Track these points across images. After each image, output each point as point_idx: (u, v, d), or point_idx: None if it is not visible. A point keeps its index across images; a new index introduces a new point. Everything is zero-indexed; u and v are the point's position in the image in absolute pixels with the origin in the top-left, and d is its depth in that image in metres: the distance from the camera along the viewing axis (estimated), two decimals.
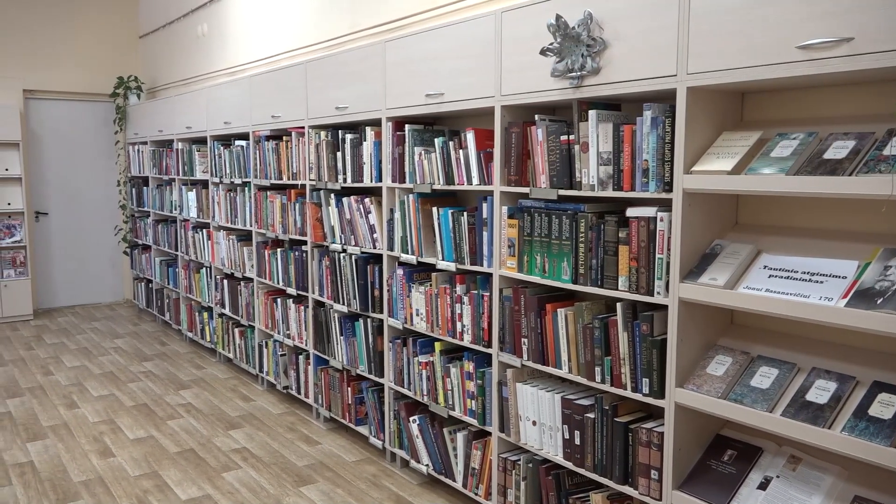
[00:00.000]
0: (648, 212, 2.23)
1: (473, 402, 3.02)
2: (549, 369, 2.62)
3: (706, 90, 2.12)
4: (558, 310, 2.56)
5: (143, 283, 7.24)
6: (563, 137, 2.49)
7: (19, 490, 3.35)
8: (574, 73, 2.39)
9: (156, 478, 3.48)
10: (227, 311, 5.32)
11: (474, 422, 3.02)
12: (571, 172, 2.48)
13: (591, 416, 2.47)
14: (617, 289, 2.34)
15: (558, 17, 2.39)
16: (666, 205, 2.23)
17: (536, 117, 2.62)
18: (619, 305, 2.33)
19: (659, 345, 2.22)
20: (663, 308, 2.27)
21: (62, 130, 7.54)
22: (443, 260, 3.14)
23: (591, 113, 2.36)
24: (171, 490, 3.34)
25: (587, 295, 2.65)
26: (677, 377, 2.18)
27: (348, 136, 3.71)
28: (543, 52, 2.48)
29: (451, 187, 3.05)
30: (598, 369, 2.42)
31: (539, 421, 2.68)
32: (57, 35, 7.32)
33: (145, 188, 7.02)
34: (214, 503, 3.22)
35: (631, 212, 2.28)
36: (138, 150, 7.15)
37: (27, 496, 3.29)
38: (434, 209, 3.16)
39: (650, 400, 2.25)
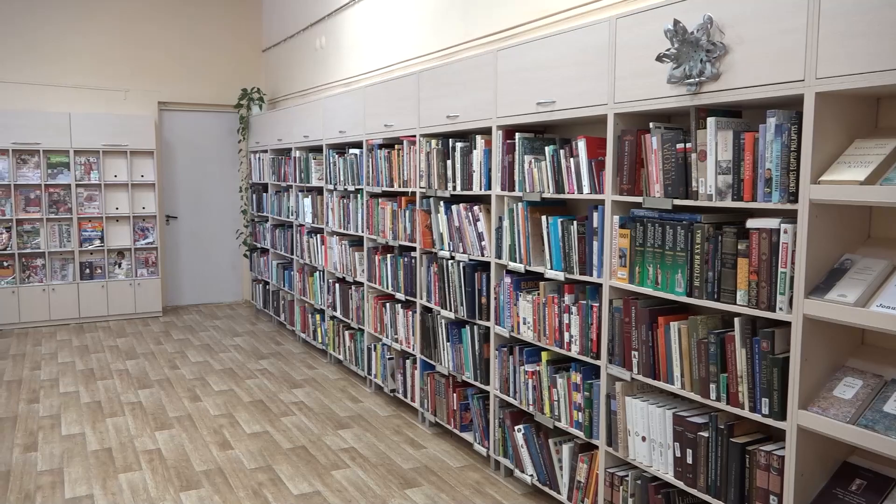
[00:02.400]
0: (771, 223, 2.12)
1: (580, 413, 2.97)
2: (661, 384, 2.55)
3: (836, 95, 2.00)
4: (671, 323, 2.48)
5: (260, 285, 7.60)
6: (679, 146, 2.42)
7: (148, 475, 3.59)
8: (692, 80, 2.32)
9: (270, 472, 3.64)
10: (338, 313, 5.50)
11: (581, 434, 2.97)
12: (687, 182, 2.40)
13: (705, 434, 2.38)
14: (735, 303, 2.24)
15: (676, 23, 2.33)
16: (790, 216, 2.12)
17: (651, 125, 2.56)
18: (736, 320, 2.23)
19: (780, 363, 2.11)
20: (786, 325, 2.16)
21: (191, 139, 8.06)
22: (551, 269, 3.12)
23: (710, 120, 2.28)
24: (284, 484, 3.48)
25: (702, 308, 2.56)
26: (800, 398, 2.06)
27: (458, 145, 3.75)
28: (660, 58, 2.42)
29: (561, 196, 3.02)
30: (712, 386, 2.33)
31: (649, 437, 2.61)
32: (188, 51, 7.83)
33: (265, 194, 7.37)
34: (324, 500, 3.33)
35: (751, 223, 2.18)
36: (259, 158, 7.52)
37: (154, 481, 3.52)
38: (543, 218, 3.14)
39: (770, 421, 2.14)
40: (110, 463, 3.74)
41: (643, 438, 2.63)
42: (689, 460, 2.43)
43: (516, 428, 3.36)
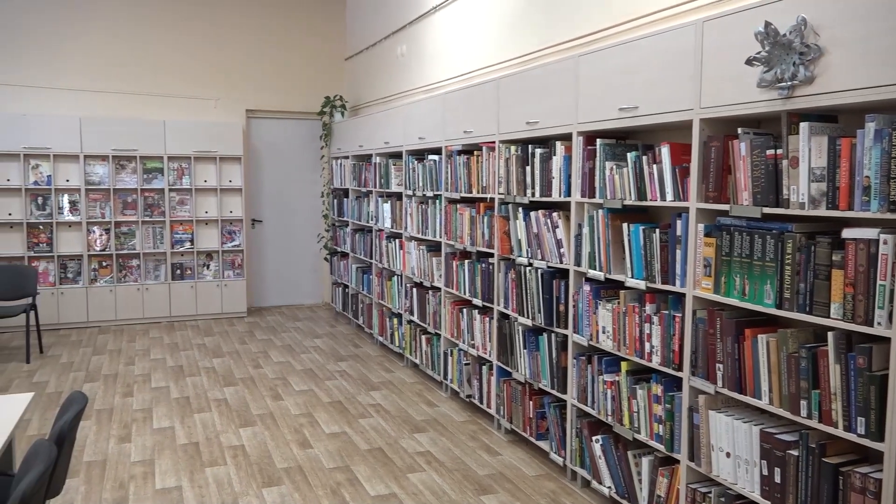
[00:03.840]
0: (869, 233, 2.02)
1: (661, 426, 2.90)
2: (747, 398, 2.46)
3: None
4: (759, 336, 2.40)
5: (340, 288, 7.76)
6: (769, 152, 2.33)
7: (232, 470, 3.72)
8: (784, 84, 2.23)
9: (347, 472, 3.71)
10: (415, 318, 5.55)
11: (661, 447, 2.90)
12: (778, 189, 2.32)
13: (795, 453, 2.28)
14: (828, 316, 2.14)
15: (767, 25, 2.25)
16: (890, 226, 2.01)
17: (739, 130, 2.48)
18: (830, 335, 2.13)
19: (878, 381, 2.00)
20: (884, 341, 2.05)
21: (276, 146, 8.32)
22: (632, 277, 3.06)
23: (803, 125, 2.19)
24: (361, 485, 3.54)
25: (792, 321, 2.45)
26: None
27: (538, 151, 3.74)
28: (749, 61, 2.34)
29: (643, 203, 2.96)
30: (803, 403, 2.23)
31: (734, 453, 2.52)
32: (275, 61, 8.10)
33: (345, 199, 7.53)
34: (400, 502, 3.36)
35: (847, 233, 2.08)
36: (340, 164, 7.69)
37: (238, 476, 3.64)
38: (624, 225, 3.09)
39: (866, 442, 2.03)
40: (197, 457, 3.89)
41: (727, 454, 2.55)
42: (777, 479, 2.34)
43: (594, 438, 3.31)
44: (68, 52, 7.28)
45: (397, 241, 5.89)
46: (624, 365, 3.14)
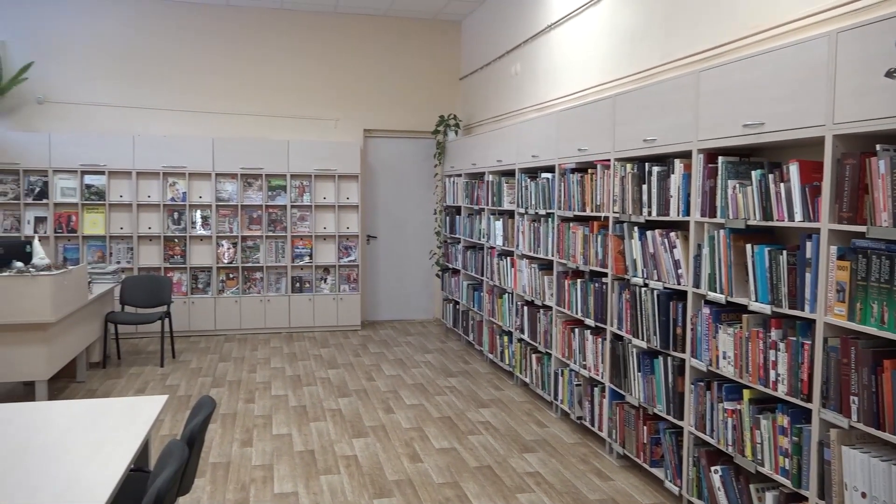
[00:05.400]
0: None
1: (787, 460, 2.73)
2: (886, 435, 2.28)
3: None
4: None
5: (451, 304, 7.84)
6: None
7: (345, 479, 3.82)
8: None
9: (456, 488, 3.72)
10: (525, 336, 5.53)
11: (787, 482, 2.74)
12: None
13: None
14: None
15: None
16: None
17: (878, 147, 2.32)
18: None
19: None
20: None
21: (391, 164, 8.56)
22: (756, 301, 2.92)
23: None
24: (470, 502, 3.55)
25: None
26: None
27: (655, 169, 3.65)
28: (890, 73, 2.20)
29: (769, 223, 2.83)
30: None
31: (870, 493, 2.34)
32: (391, 82, 8.35)
33: (457, 217, 7.62)
34: None
35: None
36: (453, 182, 7.80)
37: (351, 486, 3.74)
38: (748, 246, 2.95)
39: None
40: (313, 464, 4.03)
41: (863, 495, 2.37)
42: None
43: (713, 469, 3.16)
44: (203, 80, 7.82)
45: (509, 258, 5.89)
46: (746, 393, 2.99)
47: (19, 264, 4.85)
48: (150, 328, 7.38)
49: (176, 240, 7.56)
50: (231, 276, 7.71)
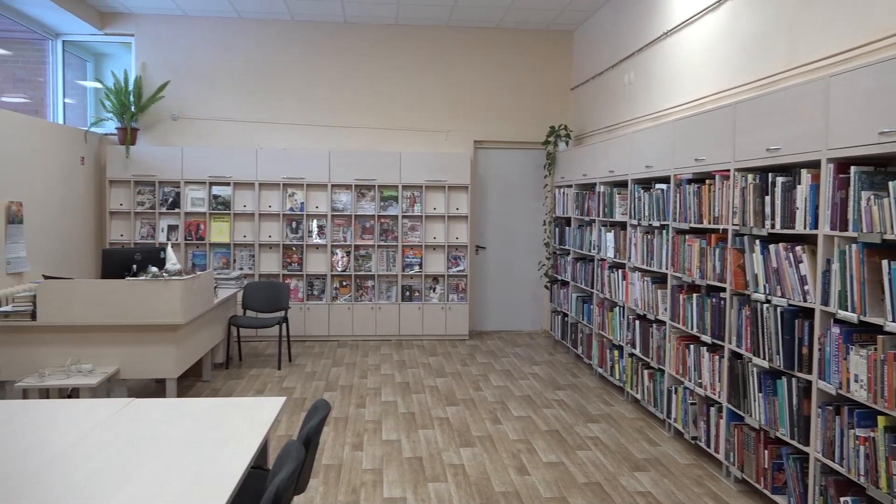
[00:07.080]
0: None
1: None
2: None
3: None
4: None
5: (559, 316, 7.75)
6: None
7: (453, 488, 3.85)
8: None
9: (564, 503, 3.67)
10: (637, 351, 5.38)
11: None
12: None
13: None
14: None
15: None
16: None
17: None
18: None
19: None
20: None
21: (501, 175, 8.59)
22: (893, 321, 2.71)
23: None
24: None
25: None
26: None
27: (779, 179, 3.47)
28: None
29: None
30: None
31: None
32: (502, 93, 8.39)
33: (567, 228, 7.54)
34: None
35: None
36: (563, 193, 7.73)
37: (458, 495, 3.76)
38: (884, 262, 2.75)
39: None
40: (421, 471, 4.08)
41: None
42: None
43: (842, 500, 2.96)
44: (320, 94, 8.14)
45: (620, 271, 5.76)
46: (881, 420, 2.78)
47: (154, 269, 5.22)
48: (268, 332, 7.73)
49: (293, 248, 7.90)
50: (344, 283, 7.97)
